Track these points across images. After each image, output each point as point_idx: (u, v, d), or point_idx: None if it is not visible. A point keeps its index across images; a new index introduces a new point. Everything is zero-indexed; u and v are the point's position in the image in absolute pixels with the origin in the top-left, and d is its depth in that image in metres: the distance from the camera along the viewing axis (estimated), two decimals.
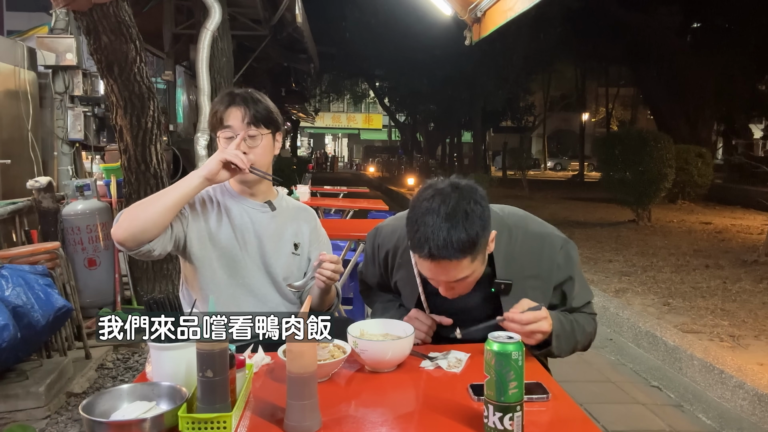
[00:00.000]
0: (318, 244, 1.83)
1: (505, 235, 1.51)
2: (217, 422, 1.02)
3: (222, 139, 1.68)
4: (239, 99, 1.68)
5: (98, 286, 4.09)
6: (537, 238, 1.55)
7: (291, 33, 8.64)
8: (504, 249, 1.50)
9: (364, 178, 24.92)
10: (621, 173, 8.89)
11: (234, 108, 1.67)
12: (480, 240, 1.33)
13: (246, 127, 1.66)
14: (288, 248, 1.76)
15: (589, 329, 1.58)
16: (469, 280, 1.40)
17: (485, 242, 1.36)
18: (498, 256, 1.50)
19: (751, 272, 5.45)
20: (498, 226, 1.48)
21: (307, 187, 5.77)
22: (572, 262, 1.56)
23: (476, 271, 1.39)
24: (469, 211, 1.31)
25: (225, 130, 1.67)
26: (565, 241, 1.57)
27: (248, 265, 1.70)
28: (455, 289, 1.42)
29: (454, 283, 1.39)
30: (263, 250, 1.72)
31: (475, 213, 1.32)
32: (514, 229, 1.54)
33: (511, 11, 3.54)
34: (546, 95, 27.87)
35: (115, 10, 3.42)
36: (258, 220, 1.73)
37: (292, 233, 1.78)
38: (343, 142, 54.49)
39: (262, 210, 1.75)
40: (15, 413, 2.72)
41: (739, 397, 2.95)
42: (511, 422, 1.03)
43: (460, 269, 1.34)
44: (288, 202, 1.86)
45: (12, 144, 4.60)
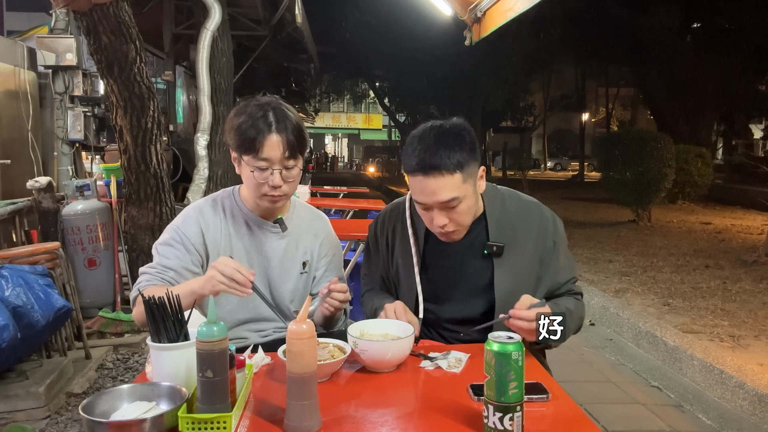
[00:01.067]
0: (327, 259, 1.76)
1: (498, 202, 1.61)
2: (217, 422, 1.02)
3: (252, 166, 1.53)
4: (277, 124, 1.52)
5: (98, 286, 4.09)
6: (528, 205, 1.64)
7: (291, 33, 8.65)
8: (497, 214, 1.59)
9: (364, 178, 24.92)
10: (621, 173, 8.89)
11: (274, 136, 1.51)
12: (468, 161, 1.44)
13: (284, 160, 1.53)
14: (296, 270, 1.70)
15: (580, 314, 1.64)
16: (461, 208, 1.47)
17: (474, 169, 1.47)
18: (491, 220, 1.58)
19: (751, 272, 5.45)
20: (492, 193, 1.62)
21: (307, 187, 5.77)
22: (559, 232, 1.63)
23: (468, 197, 1.46)
24: (458, 134, 1.46)
25: (260, 161, 1.52)
26: (554, 215, 1.66)
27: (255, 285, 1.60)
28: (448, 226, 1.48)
29: (446, 209, 1.46)
30: (270, 274, 1.66)
31: (465, 137, 1.46)
32: (508, 198, 1.64)
33: (511, 11, 3.54)
34: (546, 95, 27.87)
35: (115, 10, 3.42)
36: (267, 242, 1.66)
37: (302, 252, 1.72)
38: (343, 142, 54.49)
39: (272, 230, 1.67)
40: (15, 413, 2.72)
41: (739, 397, 2.95)
42: (511, 422, 1.03)
43: (452, 186, 1.42)
44: (300, 214, 1.76)
45: (12, 144, 4.60)
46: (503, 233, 1.56)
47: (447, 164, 1.41)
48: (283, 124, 1.53)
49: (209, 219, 1.64)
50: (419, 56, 16.61)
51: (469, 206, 1.49)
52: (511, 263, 1.56)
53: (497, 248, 1.54)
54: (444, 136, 1.45)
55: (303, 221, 1.75)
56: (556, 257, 1.61)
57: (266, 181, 1.54)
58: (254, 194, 1.59)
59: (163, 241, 1.62)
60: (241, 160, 1.57)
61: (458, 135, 1.45)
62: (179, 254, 1.59)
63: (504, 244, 1.54)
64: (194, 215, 1.64)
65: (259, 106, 1.54)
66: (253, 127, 1.51)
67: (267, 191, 1.56)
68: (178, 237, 1.60)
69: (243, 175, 1.60)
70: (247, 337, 1.66)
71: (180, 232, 1.61)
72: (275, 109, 1.55)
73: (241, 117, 1.54)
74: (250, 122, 1.52)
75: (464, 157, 1.43)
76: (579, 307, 1.63)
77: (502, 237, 1.56)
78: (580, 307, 1.63)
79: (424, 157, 1.42)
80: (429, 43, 15.22)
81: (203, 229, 1.62)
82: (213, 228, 1.64)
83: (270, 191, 1.56)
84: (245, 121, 1.53)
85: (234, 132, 1.55)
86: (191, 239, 1.61)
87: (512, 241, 1.56)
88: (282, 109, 1.55)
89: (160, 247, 1.61)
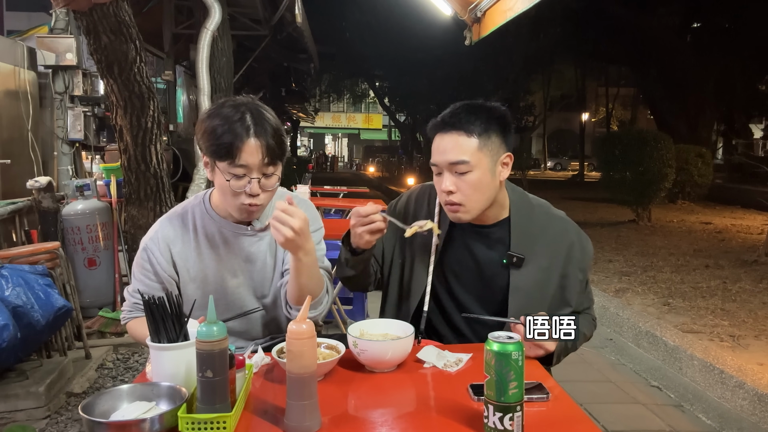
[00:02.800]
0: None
1: (526, 210, 1.54)
2: (217, 422, 1.02)
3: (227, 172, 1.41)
4: (256, 127, 1.40)
5: (98, 286, 4.09)
6: (559, 222, 1.57)
7: (291, 33, 8.65)
8: (523, 223, 1.52)
9: (364, 178, 24.91)
10: (621, 173, 8.89)
11: (252, 141, 1.39)
12: (491, 131, 1.41)
13: (263, 167, 1.42)
14: (279, 268, 1.62)
15: (588, 334, 1.60)
16: (470, 178, 1.41)
17: (497, 145, 1.43)
18: (516, 228, 1.51)
19: (751, 272, 5.45)
20: (521, 199, 1.56)
21: (307, 187, 5.77)
22: (587, 260, 1.56)
23: (480, 167, 1.41)
24: (491, 108, 1.44)
25: (237, 167, 1.40)
26: (584, 238, 1.59)
27: (242, 294, 1.60)
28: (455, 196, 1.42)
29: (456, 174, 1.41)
30: (253, 276, 1.60)
31: (495, 113, 1.44)
32: (537, 208, 1.57)
33: (511, 11, 3.54)
34: (546, 95, 27.83)
35: (115, 10, 3.42)
36: (246, 245, 1.58)
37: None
38: (343, 142, 54.49)
39: (248, 234, 1.57)
40: (15, 413, 2.72)
41: (739, 397, 2.95)
42: (511, 422, 1.03)
43: (466, 147, 1.40)
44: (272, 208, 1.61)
45: (12, 144, 4.60)
46: (526, 245, 1.49)
47: (465, 125, 1.40)
48: (262, 127, 1.41)
49: (178, 232, 1.57)
50: (419, 56, 16.62)
51: (480, 179, 1.41)
52: (529, 279, 1.48)
53: (517, 260, 1.48)
54: (475, 104, 1.45)
55: None
56: (580, 287, 1.55)
57: (243, 190, 1.43)
58: (229, 204, 1.48)
59: (137, 261, 1.58)
60: (215, 167, 1.44)
61: (490, 109, 1.44)
62: (149, 281, 1.55)
63: (525, 257, 1.48)
64: (161, 230, 1.57)
65: (234, 108, 1.42)
66: (230, 131, 1.38)
67: (244, 200, 1.44)
68: (146, 257, 1.55)
69: (216, 183, 1.48)
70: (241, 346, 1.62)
71: (148, 251, 1.55)
72: (252, 111, 1.42)
73: (215, 120, 1.41)
74: (226, 126, 1.39)
75: (486, 127, 1.41)
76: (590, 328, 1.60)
77: (524, 249, 1.49)
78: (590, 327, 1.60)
79: (448, 115, 1.43)
80: (429, 43, 15.23)
81: (170, 245, 1.56)
82: (181, 242, 1.56)
83: (247, 200, 1.44)
84: (220, 125, 1.40)
85: (207, 136, 1.42)
86: (158, 259, 1.55)
87: (534, 255, 1.49)
88: (260, 111, 1.43)
89: (136, 269, 1.58)
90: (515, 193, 1.57)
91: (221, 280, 1.57)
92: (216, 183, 1.50)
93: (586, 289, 1.59)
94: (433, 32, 13.78)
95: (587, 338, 1.61)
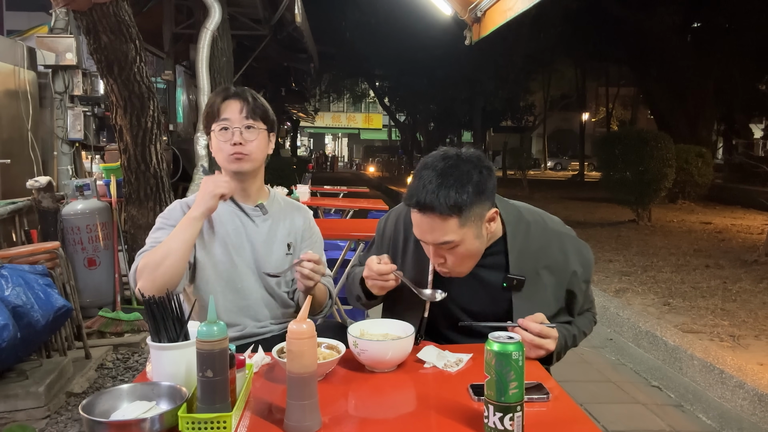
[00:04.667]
0: (310, 242, 1.82)
1: (522, 229, 1.50)
2: (217, 422, 1.02)
3: (216, 131, 1.68)
4: (237, 92, 1.70)
5: (98, 286, 4.09)
6: (556, 235, 1.54)
7: (291, 33, 8.65)
8: (521, 243, 1.49)
9: (364, 178, 24.91)
10: (621, 173, 8.89)
11: (232, 100, 1.68)
12: (470, 205, 1.33)
13: (243, 119, 1.67)
14: (281, 251, 1.75)
15: (587, 332, 1.61)
16: (458, 251, 1.38)
17: (479, 213, 1.36)
18: (513, 250, 1.48)
19: (751, 272, 5.45)
20: (516, 219, 1.51)
21: (307, 186, 5.77)
22: (588, 272, 1.54)
23: (466, 242, 1.36)
24: (465, 174, 1.33)
25: (221, 121, 1.67)
26: (584, 245, 1.57)
27: (242, 270, 1.70)
28: (446, 262, 1.41)
29: (442, 250, 1.38)
30: (256, 256, 1.72)
31: (472, 179, 1.33)
32: (533, 224, 1.53)
33: (511, 11, 3.54)
34: (546, 95, 27.87)
35: (115, 9, 3.42)
36: (250, 225, 1.73)
37: (285, 233, 1.77)
38: (343, 141, 54.51)
39: (254, 214, 1.74)
40: (15, 413, 2.72)
41: (739, 397, 2.95)
42: (512, 422, 1.03)
43: (446, 229, 1.33)
44: (280, 201, 1.85)
45: (12, 144, 4.60)
46: (525, 265, 1.46)
47: (441, 207, 1.31)
48: (243, 92, 1.70)
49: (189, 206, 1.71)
50: (419, 56, 16.63)
51: (469, 250, 1.39)
52: (532, 298, 1.46)
53: (517, 282, 1.45)
54: (449, 173, 1.33)
55: (283, 208, 1.83)
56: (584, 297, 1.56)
57: (228, 140, 1.66)
58: (222, 159, 1.69)
59: (153, 229, 1.71)
60: (210, 134, 1.71)
61: (466, 174, 1.33)
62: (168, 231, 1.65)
63: (525, 278, 1.45)
64: (179, 206, 1.73)
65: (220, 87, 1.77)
66: (215, 97, 1.71)
67: (230, 150, 1.66)
68: (166, 221, 1.69)
69: (213, 147, 1.71)
70: (242, 323, 1.70)
71: (167, 217, 1.71)
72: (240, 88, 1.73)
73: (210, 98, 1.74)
74: (215, 95, 1.72)
75: (465, 200, 1.31)
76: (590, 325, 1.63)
77: (523, 270, 1.46)
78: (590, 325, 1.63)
79: (421, 193, 1.32)
80: (429, 43, 15.24)
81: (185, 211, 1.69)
82: None
83: (232, 150, 1.66)
84: (211, 97, 1.73)
85: (205, 112, 1.73)
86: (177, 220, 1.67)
87: (534, 274, 1.47)
88: (245, 88, 1.73)
89: (151, 233, 1.69)
90: (508, 212, 1.51)
91: (224, 255, 1.69)
92: (213, 149, 1.72)
93: (586, 292, 1.59)
94: (433, 32, 13.79)
95: (585, 335, 1.63)
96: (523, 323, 1.38)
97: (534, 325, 1.38)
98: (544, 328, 1.38)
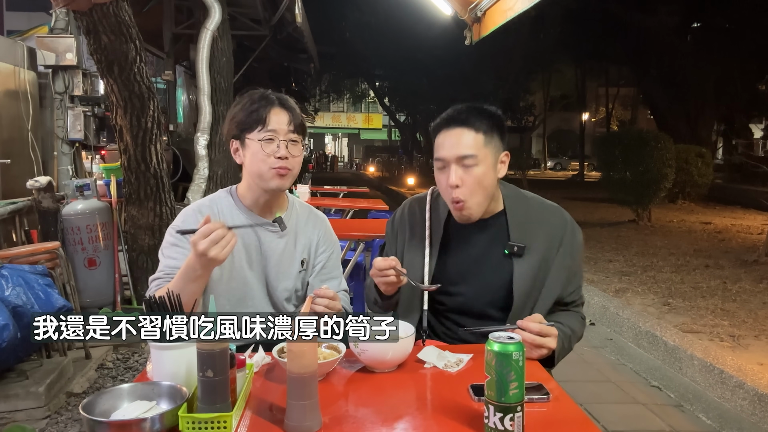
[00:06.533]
0: (325, 254, 1.75)
1: (521, 203, 1.62)
2: (217, 422, 1.02)
3: (259, 141, 1.55)
4: (282, 102, 1.60)
5: (98, 286, 4.09)
6: (553, 210, 1.64)
7: (291, 33, 8.65)
8: (520, 215, 1.59)
9: (364, 178, 24.90)
10: (621, 173, 8.89)
11: (279, 109, 1.58)
12: (492, 130, 1.50)
13: (289, 132, 1.57)
14: (295, 269, 1.69)
15: (579, 332, 1.63)
16: (476, 173, 1.48)
17: (497, 145, 1.52)
18: (513, 220, 1.58)
19: (751, 272, 5.45)
20: (515, 194, 1.64)
21: (307, 186, 5.77)
22: (578, 242, 1.63)
23: (484, 163, 1.48)
24: (491, 111, 1.53)
25: (267, 132, 1.55)
26: (577, 227, 1.65)
27: (253, 286, 1.64)
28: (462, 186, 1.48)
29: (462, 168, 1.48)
30: (267, 272, 1.65)
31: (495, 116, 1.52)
32: (531, 200, 1.65)
33: (511, 11, 3.54)
34: (546, 95, 27.87)
35: (115, 10, 3.42)
36: (266, 240, 1.65)
37: (301, 251, 1.70)
38: (343, 141, 54.49)
39: (271, 229, 1.65)
40: (15, 413, 2.72)
41: (739, 397, 2.95)
42: (512, 422, 1.03)
43: (471, 142, 1.47)
44: (298, 212, 1.74)
45: (12, 144, 4.60)
46: (525, 234, 1.56)
47: (471, 122, 1.48)
48: (286, 102, 1.61)
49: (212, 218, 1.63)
50: (419, 56, 16.64)
51: (485, 174, 1.49)
52: (531, 265, 1.55)
53: (518, 248, 1.54)
54: (476, 105, 1.53)
55: (301, 219, 1.74)
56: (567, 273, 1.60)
57: (273, 153, 1.55)
58: (262, 170, 1.57)
59: (166, 243, 1.61)
60: (245, 141, 1.58)
61: (490, 110, 1.52)
62: (186, 252, 1.54)
63: (525, 245, 1.54)
64: (194, 214, 1.63)
65: (252, 93, 1.62)
66: (259, 102, 1.58)
67: (274, 164, 1.55)
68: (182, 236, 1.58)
69: (248, 156, 1.58)
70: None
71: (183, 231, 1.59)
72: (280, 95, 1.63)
73: (243, 102, 1.61)
74: (255, 99, 1.58)
75: (490, 126, 1.49)
76: (581, 327, 1.64)
77: (523, 238, 1.56)
78: (581, 327, 1.64)
79: (453, 113, 1.51)
80: (429, 43, 15.24)
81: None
82: None
83: (277, 163, 1.56)
84: (248, 102, 1.59)
85: (238, 114, 1.59)
86: None
87: (533, 243, 1.56)
88: (282, 94, 1.64)
89: (165, 251, 1.60)
90: (507, 188, 1.64)
91: (240, 269, 1.63)
92: (248, 157, 1.59)
93: (574, 280, 1.61)
94: (433, 32, 13.79)
95: (578, 338, 1.63)
96: (522, 324, 1.39)
97: (534, 325, 1.39)
98: (543, 326, 1.39)
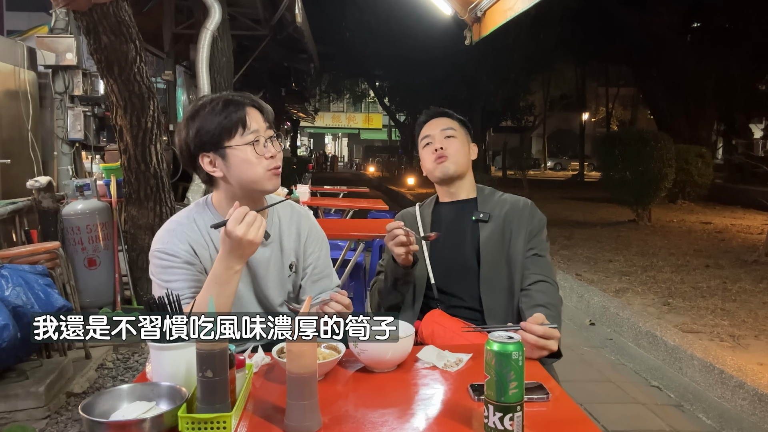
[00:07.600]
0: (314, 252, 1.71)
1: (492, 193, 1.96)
2: (217, 422, 1.02)
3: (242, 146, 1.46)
4: (252, 100, 1.52)
5: (98, 286, 4.09)
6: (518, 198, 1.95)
7: (291, 33, 8.65)
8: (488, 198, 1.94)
9: (364, 178, 24.91)
10: (621, 173, 8.89)
11: (251, 108, 1.49)
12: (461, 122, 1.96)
13: (267, 129, 1.51)
14: (283, 275, 1.65)
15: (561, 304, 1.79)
16: (455, 142, 1.89)
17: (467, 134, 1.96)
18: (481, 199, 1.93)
19: (751, 272, 5.45)
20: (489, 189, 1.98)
21: (307, 186, 5.77)
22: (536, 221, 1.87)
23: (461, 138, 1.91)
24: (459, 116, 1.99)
25: (251, 134, 1.46)
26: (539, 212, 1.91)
27: (244, 296, 1.59)
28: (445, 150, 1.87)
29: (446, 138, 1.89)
30: (257, 283, 1.61)
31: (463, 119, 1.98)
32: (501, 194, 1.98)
33: (511, 11, 3.55)
34: (546, 95, 27.85)
35: (115, 10, 3.42)
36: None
37: (288, 254, 1.65)
38: (343, 141, 54.51)
39: None
40: (15, 413, 2.72)
41: (739, 397, 2.95)
42: (512, 422, 1.03)
43: (452, 124, 1.93)
44: (280, 215, 1.67)
45: (12, 144, 4.60)
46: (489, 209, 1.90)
47: (449, 114, 1.97)
48: (255, 99, 1.53)
49: (192, 235, 1.53)
50: (419, 56, 16.61)
51: (462, 145, 1.90)
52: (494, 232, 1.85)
53: (483, 215, 1.88)
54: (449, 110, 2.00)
55: (284, 221, 1.67)
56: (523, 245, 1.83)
57: (264, 154, 1.48)
58: (258, 175, 1.48)
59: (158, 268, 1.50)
60: (225, 150, 1.46)
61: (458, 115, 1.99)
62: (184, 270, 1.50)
63: (489, 214, 1.87)
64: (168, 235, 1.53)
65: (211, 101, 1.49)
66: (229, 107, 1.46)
67: (269, 165, 1.48)
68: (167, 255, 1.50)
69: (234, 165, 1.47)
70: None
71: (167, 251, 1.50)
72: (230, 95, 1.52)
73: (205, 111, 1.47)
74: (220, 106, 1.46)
75: (460, 121, 1.96)
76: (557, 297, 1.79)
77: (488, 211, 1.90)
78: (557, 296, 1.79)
79: (434, 110, 1.98)
80: (429, 43, 15.22)
81: (190, 243, 1.52)
82: (197, 243, 1.54)
83: (272, 164, 1.49)
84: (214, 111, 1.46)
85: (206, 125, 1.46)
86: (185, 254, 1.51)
87: (496, 216, 1.87)
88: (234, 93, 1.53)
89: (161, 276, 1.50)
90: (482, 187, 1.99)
91: None
92: (233, 167, 1.48)
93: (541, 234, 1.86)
94: (433, 32, 13.78)
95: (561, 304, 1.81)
96: (525, 326, 1.39)
97: (537, 328, 1.39)
98: (547, 329, 1.39)
